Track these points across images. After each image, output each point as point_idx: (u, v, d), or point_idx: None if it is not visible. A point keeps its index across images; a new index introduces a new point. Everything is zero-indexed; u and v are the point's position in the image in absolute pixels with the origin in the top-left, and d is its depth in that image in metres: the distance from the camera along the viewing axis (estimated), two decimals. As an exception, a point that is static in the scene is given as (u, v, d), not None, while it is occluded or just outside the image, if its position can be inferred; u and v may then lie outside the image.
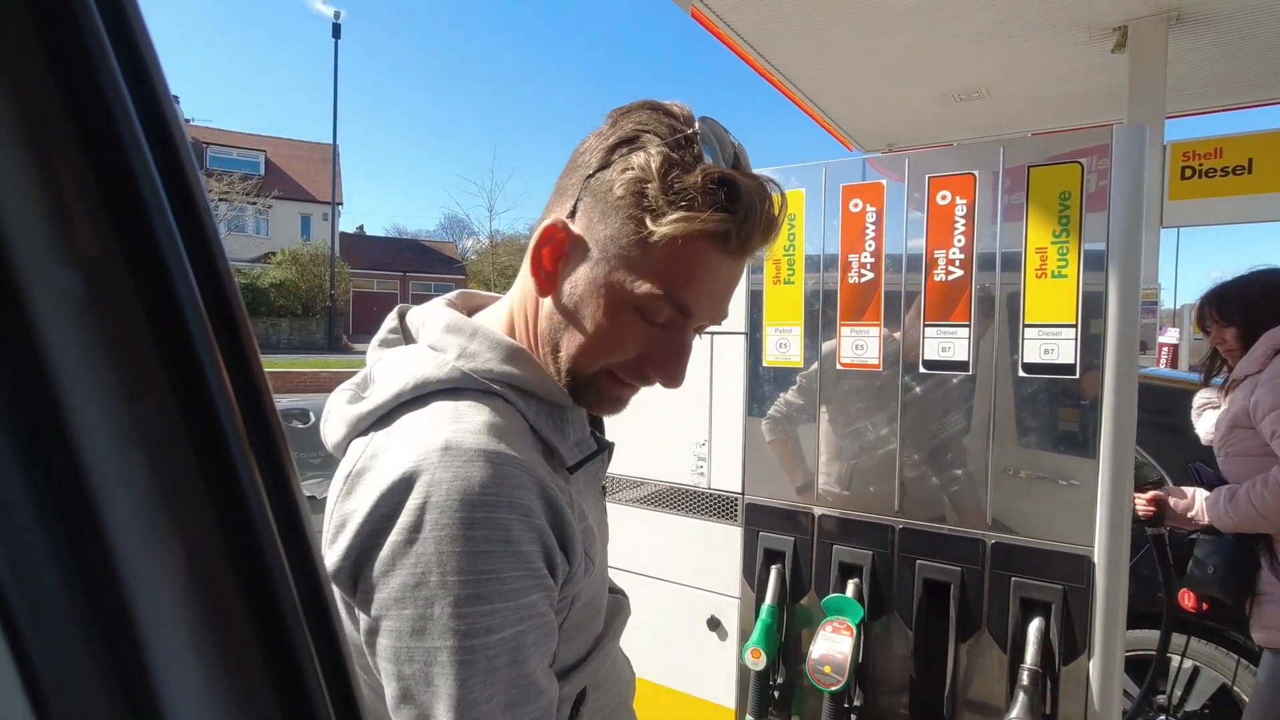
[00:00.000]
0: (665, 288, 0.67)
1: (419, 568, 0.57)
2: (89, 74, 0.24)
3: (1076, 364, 1.26)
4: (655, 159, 0.66)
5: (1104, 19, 3.44)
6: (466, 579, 0.57)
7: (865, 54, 3.81)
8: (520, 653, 0.60)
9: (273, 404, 0.28)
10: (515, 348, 0.72)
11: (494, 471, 0.60)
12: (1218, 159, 4.08)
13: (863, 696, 1.47)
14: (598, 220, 0.69)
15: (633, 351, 0.71)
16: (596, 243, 0.69)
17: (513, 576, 0.59)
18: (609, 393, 0.74)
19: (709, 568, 1.68)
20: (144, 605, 0.23)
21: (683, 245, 0.66)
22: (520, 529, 0.60)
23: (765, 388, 1.59)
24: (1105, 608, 1.25)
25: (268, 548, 0.27)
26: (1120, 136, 1.22)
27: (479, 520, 0.58)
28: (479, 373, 0.69)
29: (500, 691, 0.58)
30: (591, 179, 0.70)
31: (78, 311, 0.24)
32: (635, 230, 0.66)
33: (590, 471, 0.79)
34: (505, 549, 0.59)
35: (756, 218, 0.67)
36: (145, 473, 0.24)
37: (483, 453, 0.61)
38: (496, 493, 0.59)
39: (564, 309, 0.71)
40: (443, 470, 0.59)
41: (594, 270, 0.69)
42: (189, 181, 0.26)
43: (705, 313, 0.71)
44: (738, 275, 0.73)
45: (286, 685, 0.27)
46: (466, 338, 0.72)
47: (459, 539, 0.57)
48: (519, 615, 0.59)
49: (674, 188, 0.65)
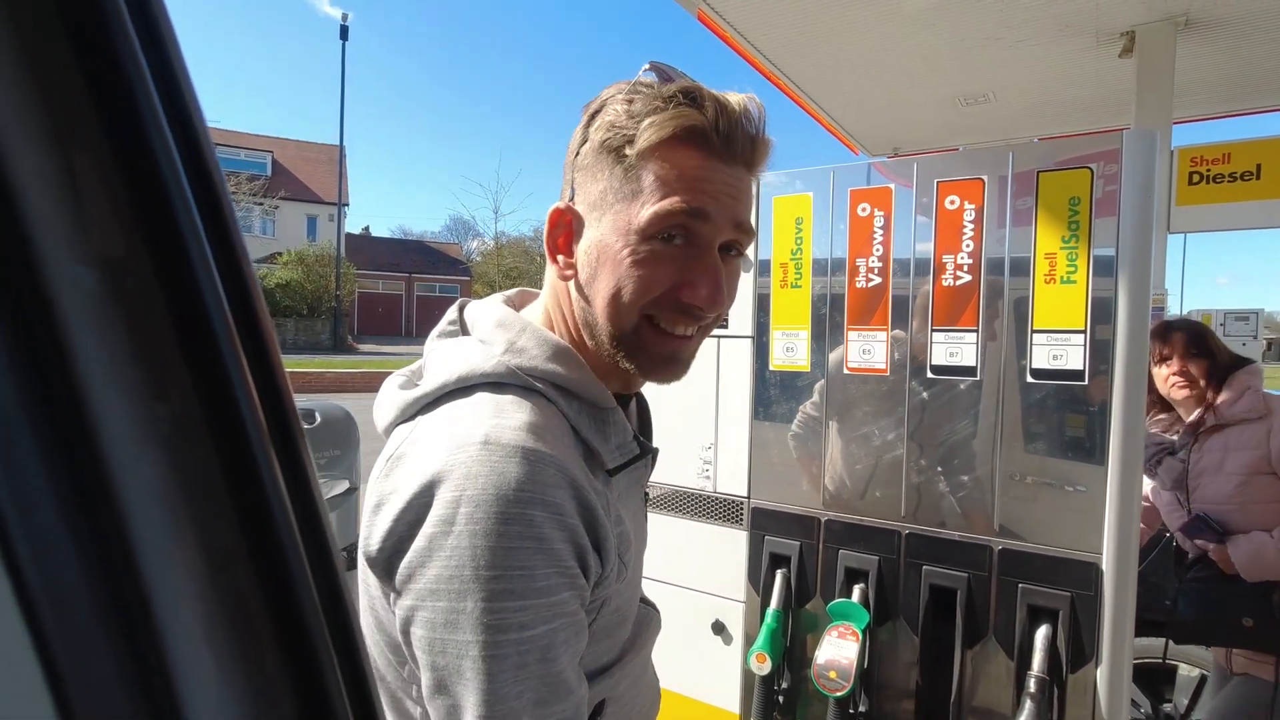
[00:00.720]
0: (668, 198, 0.67)
1: (453, 560, 0.58)
2: (116, 72, 0.24)
3: (1085, 370, 1.25)
4: (618, 104, 0.69)
5: (1112, 24, 3.43)
6: (498, 574, 0.57)
7: (872, 58, 3.81)
8: (552, 650, 0.60)
9: (294, 404, 0.28)
10: (562, 346, 0.73)
11: (529, 468, 0.60)
12: (1225, 164, 4.06)
13: (868, 702, 1.46)
14: (590, 185, 0.71)
15: (665, 284, 0.69)
16: (594, 205, 0.71)
17: (544, 574, 0.59)
18: (660, 350, 0.72)
19: (714, 571, 1.68)
20: (164, 600, 0.23)
21: (666, 154, 0.67)
22: (552, 527, 0.60)
23: (771, 391, 1.59)
24: (1113, 615, 1.24)
25: (288, 546, 0.27)
26: (1130, 141, 1.22)
27: (512, 516, 0.58)
28: (524, 369, 0.70)
29: (531, 688, 0.58)
30: (576, 158, 0.72)
31: (101, 309, 0.24)
32: (619, 167, 0.68)
33: (634, 476, 0.79)
34: (537, 546, 0.59)
35: (730, 112, 0.67)
36: (166, 470, 0.25)
37: (519, 449, 0.61)
38: (531, 490, 0.60)
39: (588, 278, 0.72)
40: (479, 464, 0.60)
41: (601, 228, 0.70)
42: (213, 180, 0.26)
43: (719, 214, 0.69)
44: (741, 185, 0.71)
45: (304, 681, 0.27)
46: (516, 333, 0.73)
47: (492, 534, 0.58)
48: (551, 613, 0.60)
49: (638, 111, 0.67)
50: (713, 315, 0.72)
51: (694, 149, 0.67)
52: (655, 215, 0.67)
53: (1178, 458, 1.99)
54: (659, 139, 0.66)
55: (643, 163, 0.67)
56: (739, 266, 0.76)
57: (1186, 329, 2.09)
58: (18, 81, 0.22)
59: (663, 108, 0.66)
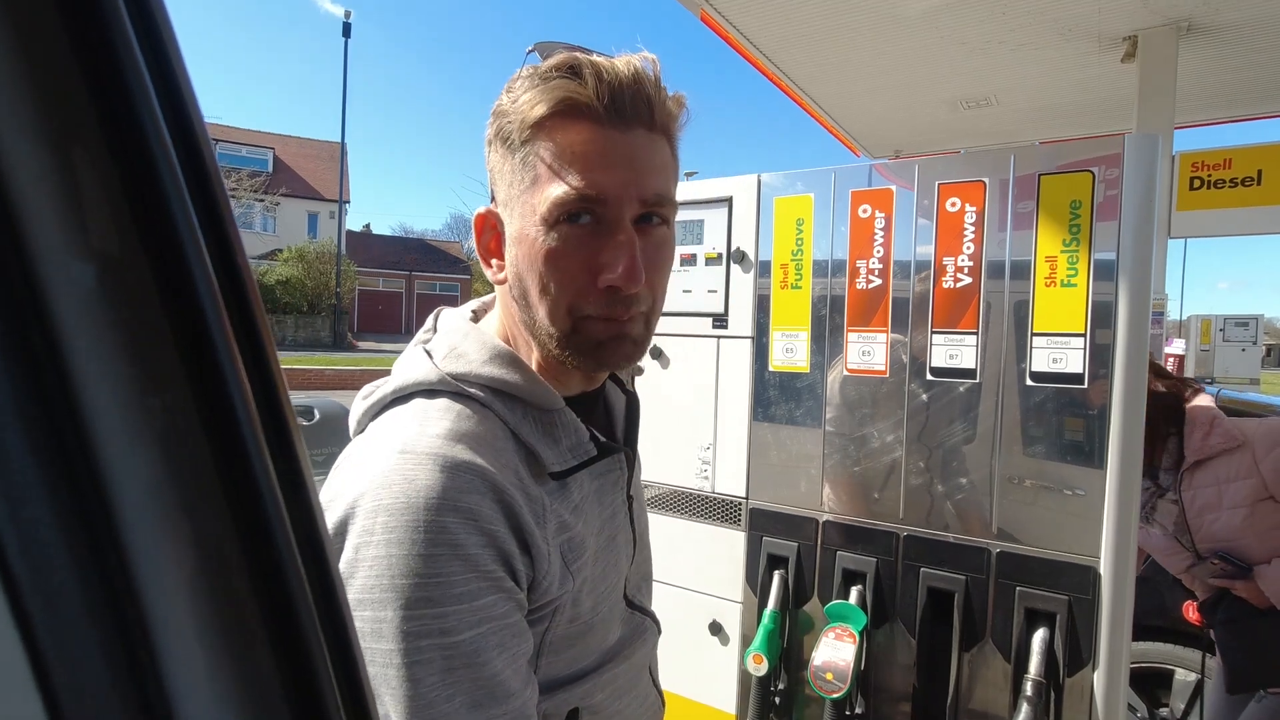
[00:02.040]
0: (560, 184, 0.64)
1: (374, 570, 0.58)
2: (112, 64, 0.24)
3: (1085, 373, 1.25)
4: (503, 93, 0.68)
5: (1114, 29, 3.43)
6: (415, 582, 0.57)
7: (874, 59, 3.81)
8: (481, 654, 0.59)
9: (289, 401, 0.28)
10: (502, 350, 0.72)
11: (442, 476, 0.60)
12: (1226, 170, 4.07)
13: (864, 704, 1.46)
14: (499, 182, 0.70)
15: (581, 273, 0.66)
16: (505, 202, 0.70)
17: (462, 579, 0.59)
18: (605, 337, 0.69)
19: (711, 572, 1.68)
20: (156, 597, 0.23)
21: (553, 133, 0.65)
22: (468, 532, 0.60)
23: (771, 392, 1.59)
24: (1111, 619, 1.24)
25: (281, 543, 0.27)
26: (1132, 146, 1.22)
27: (424, 524, 0.58)
28: (457, 375, 0.69)
29: (463, 692, 0.58)
30: (487, 158, 0.72)
31: (95, 305, 0.24)
32: (514, 157, 0.67)
33: (607, 479, 0.78)
34: (452, 552, 0.59)
35: (616, 76, 0.64)
36: (160, 467, 0.24)
37: (433, 456, 0.61)
38: (442, 496, 0.59)
39: (515, 279, 0.70)
40: (395, 474, 0.60)
41: (515, 225, 0.69)
42: (210, 176, 0.26)
43: (620, 187, 0.65)
44: (645, 150, 0.67)
45: (297, 680, 0.27)
46: (460, 338, 0.73)
47: (405, 542, 0.58)
48: (476, 617, 0.59)
49: (518, 95, 0.66)
50: (636, 291, 0.67)
51: (581, 122, 0.64)
52: (552, 203, 0.64)
53: (1169, 499, 1.91)
54: (538, 117, 0.64)
55: (531, 147, 0.65)
56: (664, 236, 0.71)
57: None
58: (13, 77, 0.22)
59: (538, 85, 0.64)
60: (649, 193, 0.67)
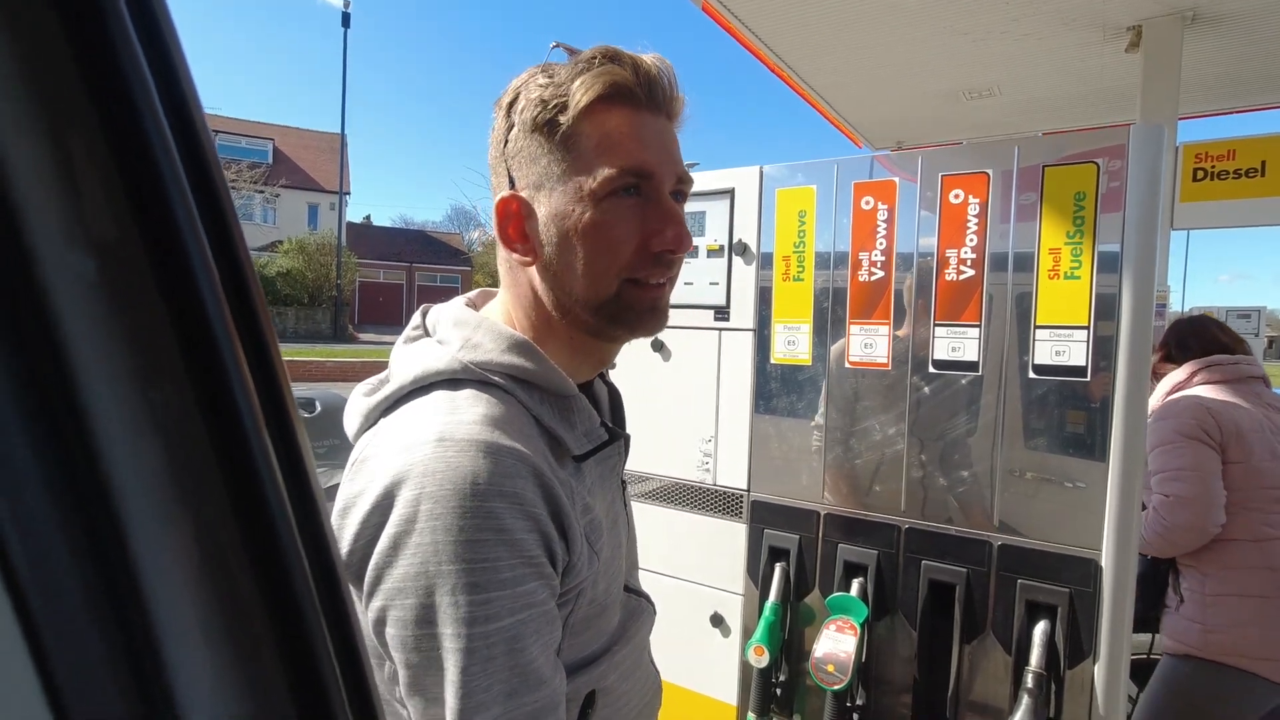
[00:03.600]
0: (613, 161, 0.69)
1: (417, 557, 0.58)
2: (110, 55, 0.24)
3: (1088, 366, 1.25)
4: (538, 81, 0.71)
5: (1118, 18, 3.40)
6: (462, 567, 0.58)
7: (876, 50, 3.79)
8: (519, 641, 0.60)
9: (290, 392, 0.28)
10: (518, 338, 0.73)
11: (486, 461, 0.61)
12: (1230, 161, 4.04)
13: (865, 696, 1.47)
14: (528, 168, 0.72)
15: (633, 239, 0.71)
16: (539, 184, 0.72)
17: (509, 564, 0.59)
18: (643, 304, 0.74)
19: (713, 564, 1.68)
20: (158, 593, 0.23)
21: (600, 115, 0.69)
22: (514, 517, 0.60)
23: (772, 385, 1.59)
24: (1112, 612, 1.24)
25: (283, 536, 0.27)
26: (1137, 137, 1.21)
27: (472, 509, 0.59)
28: (479, 364, 0.70)
29: (500, 680, 0.59)
30: (505, 148, 0.73)
31: (94, 296, 0.23)
32: (555, 138, 0.70)
33: (607, 465, 0.79)
34: (499, 537, 0.59)
35: (648, 67, 0.70)
36: (160, 460, 0.24)
37: (475, 443, 0.61)
38: (489, 482, 0.60)
39: (555, 257, 0.72)
40: (436, 461, 0.60)
41: (553, 204, 0.71)
42: (209, 166, 0.26)
43: (662, 165, 0.72)
44: (672, 135, 0.75)
45: (301, 675, 0.27)
46: (471, 330, 0.73)
47: (453, 528, 0.58)
48: (518, 604, 0.60)
49: (563, 79, 0.70)
50: (681, 256, 0.74)
51: (624, 105, 0.70)
52: (604, 179, 0.68)
53: None
54: (592, 98, 0.68)
55: (579, 127, 0.69)
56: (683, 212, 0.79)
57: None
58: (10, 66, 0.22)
59: (588, 69, 0.68)
60: (681, 171, 0.74)
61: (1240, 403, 1.95)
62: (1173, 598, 1.99)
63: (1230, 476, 1.87)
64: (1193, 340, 2.12)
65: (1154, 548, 1.92)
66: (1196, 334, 2.13)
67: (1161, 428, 1.94)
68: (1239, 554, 1.86)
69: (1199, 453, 1.87)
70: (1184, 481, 1.85)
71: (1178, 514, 1.84)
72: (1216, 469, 1.86)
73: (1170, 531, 1.85)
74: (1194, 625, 1.89)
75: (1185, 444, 1.88)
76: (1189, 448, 1.88)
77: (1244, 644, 1.82)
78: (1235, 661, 1.82)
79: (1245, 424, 1.90)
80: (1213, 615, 1.86)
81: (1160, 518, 1.87)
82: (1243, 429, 1.89)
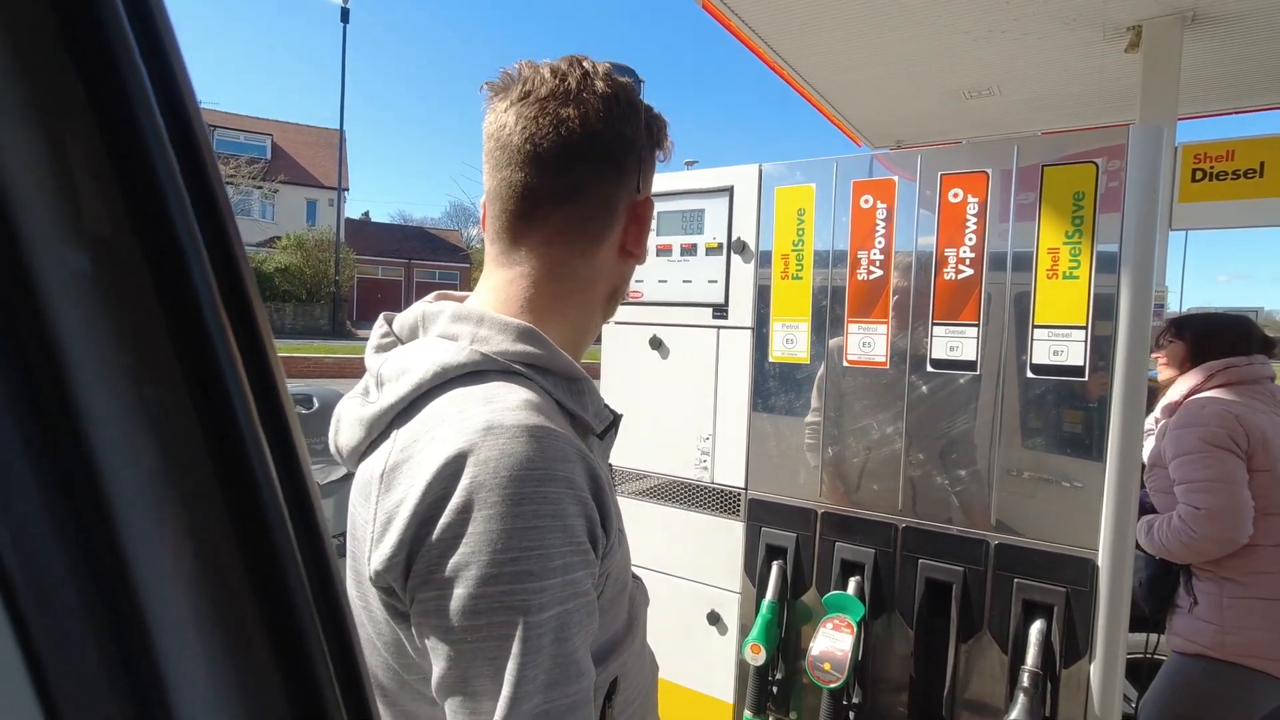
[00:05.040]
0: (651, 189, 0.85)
1: (470, 546, 0.57)
2: (105, 51, 0.24)
3: (1086, 366, 1.25)
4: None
5: (1118, 18, 3.40)
6: (516, 555, 0.57)
7: (875, 49, 3.78)
8: (565, 631, 0.59)
9: (285, 389, 0.28)
10: (524, 327, 0.72)
11: (540, 445, 0.60)
12: (1229, 162, 4.04)
13: (862, 694, 1.47)
14: (648, 176, 0.83)
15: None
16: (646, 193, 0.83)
17: (561, 551, 0.59)
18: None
19: (710, 562, 1.68)
20: (151, 591, 0.23)
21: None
22: (569, 501, 0.60)
23: (770, 383, 1.59)
24: (1108, 611, 1.24)
25: (278, 534, 0.27)
26: (1137, 137, 1.21)
27: (528, 495, 0.58)
28: (497, 353, 0.69)
29: (544, 670, 0.58)
30: (640, 152, 0.80)
31: (88, 292, 0.23)
32: (652, 162, 0.84)
33: (605, 447, 0.80)
34: (555, 522, 0.59)
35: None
36: (154, 457, 0.24)
37: (526, 428, 0.61)
38: (544, 466, 0.60)
39: (639, 255, 0.84)
40: (489, 449, 0.59)
41: (648, 212, 0.83)
42: (204, 162, 0.26)
43: None
44: None
45: (295, 672, 0.27)
46: (475, 323, 0.73)
47: (508, 516, 0.57)
48: (566, 592, 0.59)
49: (661, 126, 0.83)
50: None
51: None
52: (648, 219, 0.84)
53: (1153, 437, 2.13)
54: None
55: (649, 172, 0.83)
56: None
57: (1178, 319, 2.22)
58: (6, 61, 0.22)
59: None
60: None
61: (1261, 406, 1.93)
62: (1184, 598, 1.98)
63: (1256, 484, 1.85)
64: (1214, 344, 2.07)
65: (1177, 556, 1.90)
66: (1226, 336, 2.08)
67: (1187, 435, 1.90)
68: (1263, 559, 1.84)
69: (1227, 463, 1.83)
70: (1213, 494, 1.82)
71: (1206, 527, 1.81)
72: (1244, 478, 1.83)
73: (1197, 543, 1.82)
74: (1209, 626, 1.88)
75: (1213, 454, 1.85)
76: (1217, 458, 1.84)
77: (1260, 645, 1.82)
78: (1248, 661, 1.82)
79: (1269, 430, 1.87)
80: (1231, 617, 1.85)
81: (1188, 529, 1.83)
82: (1268, 436, 1.86)
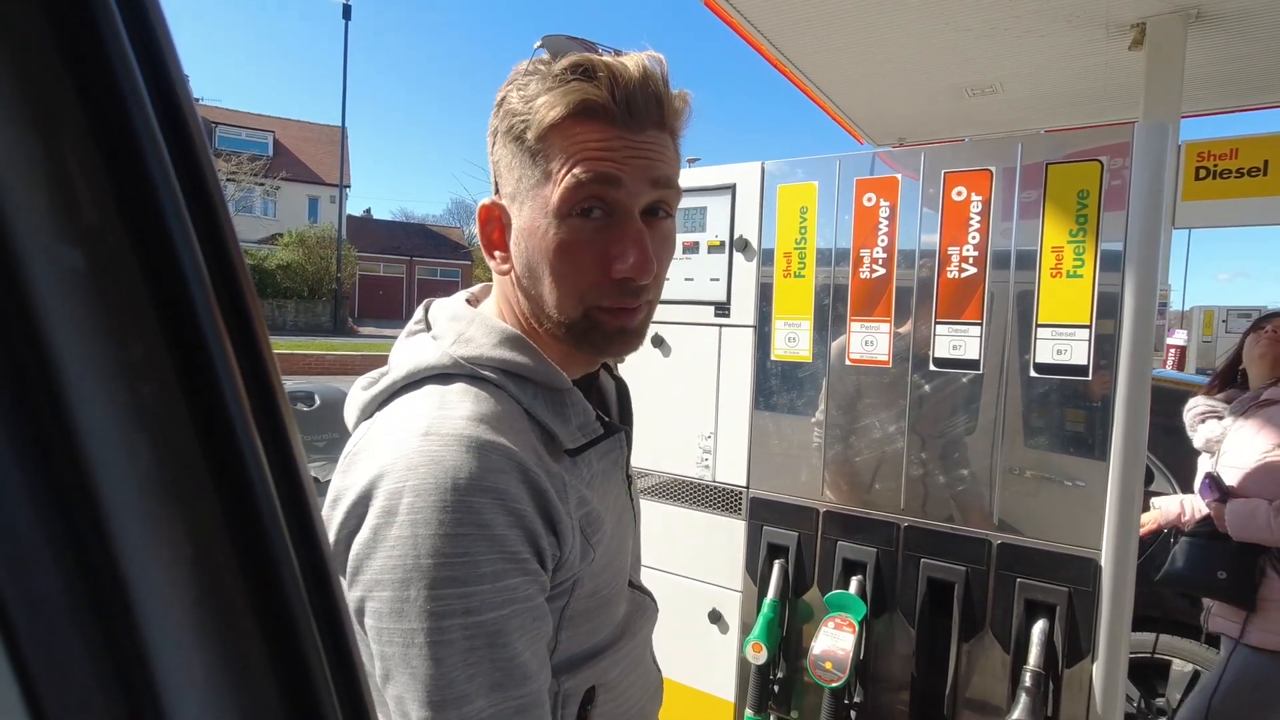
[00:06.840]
0: (574, 173, 0.65)
1: (396, 550, 0.59)
2: (96, 45, 0.23)
3: (1089, 365, 1.25)
4: (514, 89, 0.68)
5: (1122, 16, 3.38)
6: (440, 561, 0.58)
7: (879, 46, 3.77)
8: (503, 635, 0.60)
9: (281, 386, 0.27)
10: (511, 333, 0.73)
11: (470, 456, 0.61)
12: (1233, 160, 4.03)
13: (863, 693, 1.47)
14: (506, 176, 0.70)
15: (595, 264, 0.68)
16: (513, 195, 0.70)
17: (488, 560, 0.59)
18: (609, 327, 0.71)
19: (711, 560, 1.68)
20: (144, 597, 0.23)
21: (567, 132, 0.65)
22: (496, 513, 0.60)
23: (773, 381, 1.58)
24: (1111, 611, 1.24)
25: (273, 534, 0.26)
26: (1141, 135, 1.20)
27: (452, 504, 0.59)
28: (470, 359, 0.70)
29: (483, 673, 0.59)
30: (491, 149, 0.72)
31: (79, 289, 0.23)
32: (525, 153, 0.67)
33: (610, 458, 0.79)
34: (479, 532, 0.59)
35: (628, 78, 0.65)
36: (147, 457, 0.24)
37: (460, 438, 0.62)
38: (471, 477, 0.60)
39: (524, 270, 0.71)
40: (420, 455, 0.60)
41: (524, 217, 0.69)
42: (198, 157, 0.25)
43: (630, 178, 0.66)
44: (655, 147, 0.68)
45: (290, 671, 0.26)
46: (465, 324, 0.74)
47: (433, 522, 0.58)
48: (500, 598, 0.60)
49: (531, 95, 0.66)
50: (646, 283, 0.69)
51: (595, 123, 0.65)
52: (565, 191, 0.65)
53: (1221, 422, 2.18)
54: (555, 120, 0.64)
55: (544, 145, 0.66)
56: (670, 229, 0.73)
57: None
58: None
59: (554, 87, 0.65)
60: (657, 187, 0.69)
61: None
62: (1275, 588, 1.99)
63: None
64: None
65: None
66: None
67: None
68: None
69: None
70: None
71: None
72: None
73: None
74: None
75: None
76: None
77: None
78: None
79: None
80: None
81: None
82: None
